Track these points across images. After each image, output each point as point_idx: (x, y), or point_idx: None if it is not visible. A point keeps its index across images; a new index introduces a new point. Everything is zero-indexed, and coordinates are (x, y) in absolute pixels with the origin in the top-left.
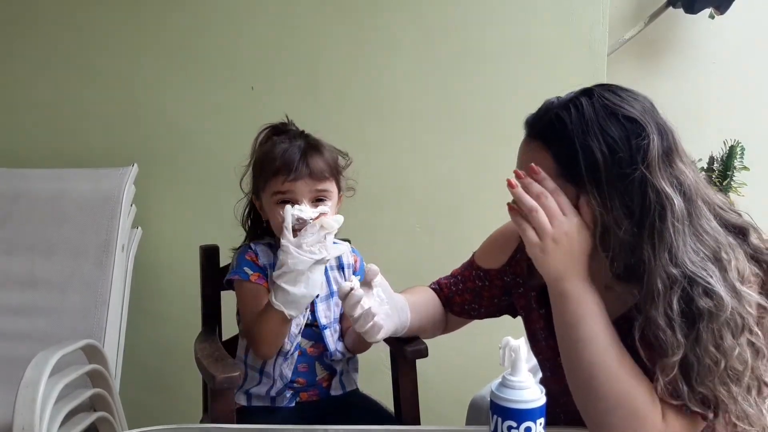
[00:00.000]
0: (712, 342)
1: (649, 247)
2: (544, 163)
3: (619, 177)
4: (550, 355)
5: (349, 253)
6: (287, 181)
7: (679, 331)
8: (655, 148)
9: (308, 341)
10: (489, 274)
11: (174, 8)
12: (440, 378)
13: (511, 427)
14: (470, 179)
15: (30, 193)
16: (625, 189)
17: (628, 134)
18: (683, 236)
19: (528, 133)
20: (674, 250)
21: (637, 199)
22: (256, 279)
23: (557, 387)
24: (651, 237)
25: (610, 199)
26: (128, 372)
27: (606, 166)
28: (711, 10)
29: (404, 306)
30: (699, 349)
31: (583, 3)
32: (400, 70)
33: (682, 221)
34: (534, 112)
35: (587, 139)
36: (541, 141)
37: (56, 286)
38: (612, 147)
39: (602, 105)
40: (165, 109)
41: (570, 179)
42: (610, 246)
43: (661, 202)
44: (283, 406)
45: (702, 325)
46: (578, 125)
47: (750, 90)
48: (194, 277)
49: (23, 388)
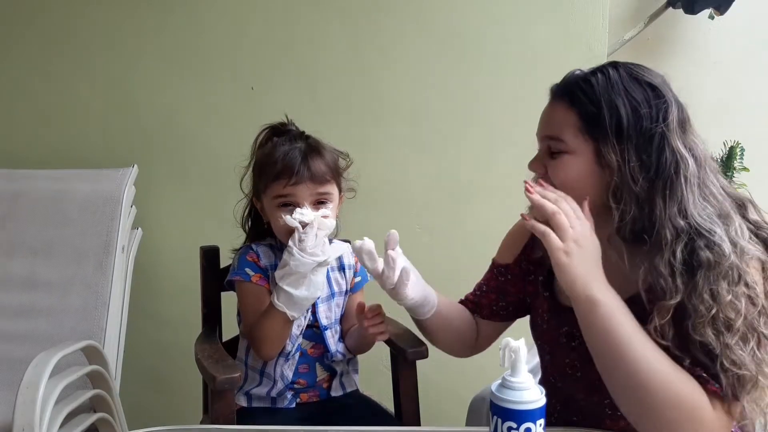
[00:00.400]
0: (707, 290)
1: (660, 200)
2: (569, 119)
3: (640, 133)
4: (549, 338)
5: (349, 254)
6: (289, 185)
7: (679, 278)
8: (674, 113)
9: (309, 342)
10: (509, 268)
11: (174, 9)
12: (440, 378)
13: (511, 427)
14: (470, 179)
15: (30, 194)
16: (645, 145)
17: (650, 98)
18: (693, 193)
19: (553, 95)
20: (684, 204)
21: (655, 155)
22: (257, 280)
23: (555, 371)
24: (663, 190)
25: (629, 154)
26: (128, 373)
27: (629, 122)
28: (711, 11)
29: (430, 289)
30: (695, 297)
31: (583, 3)
32: (400, 70)
33: (693, 179)
34: (558, 81)
35: (613, 97)
36: (568, 100)
37: (56, 287)
38: (635, 106)
39: (627, 72)
40: (165, 109)
41: (592, 135)
42: (623, 199)
43: (676, 160)
44: (284, 407)
45: (700, 274)
46: (605, 86)
47: (750, 90)
48: (194, 278)
49: (23, 388)
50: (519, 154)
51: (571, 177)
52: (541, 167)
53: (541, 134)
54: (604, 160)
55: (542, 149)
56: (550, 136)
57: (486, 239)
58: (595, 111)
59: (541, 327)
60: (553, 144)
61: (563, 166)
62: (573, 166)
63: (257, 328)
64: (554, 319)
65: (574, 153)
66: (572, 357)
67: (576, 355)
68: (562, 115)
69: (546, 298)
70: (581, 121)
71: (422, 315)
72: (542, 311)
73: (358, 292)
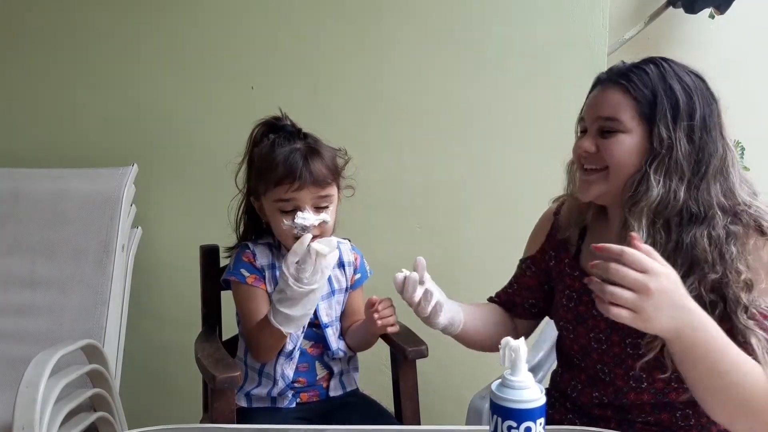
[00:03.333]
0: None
1: (711, 181)
2: (625, 102)
3: (694, 117)
4: (574, 314)
5: (349, 251)
6: (291, 190)
7: (718, 251)
8: (720, 103)
9: (308, 342)
10: (535, 260)
11: (174, 8)
12: (440, 378)
13: (511, 427)
14: (470, 179)
15: (30, 193)
16: (699, 129)
17: (699, 86)
18: (737, 175)
19: (604, 82)
20: (731, 185)
21: (707, 140)
22: (252, 281)
23: (579, 348)
24: (715, 173)
25: (681, 135)
26: (128, 372)
27: (684, 106)
28: (711, 10)
29: (455, 305)
30: (734, 264)
31: (583, 3)
32: (400, 69)
33: (737, 163)
34: (607, 71)
35: (670, 82)
36: (623, 84)
37: (56, 286)
38: (689, 93)
39: (672, 64)
40: (165, 109)
41: (648, 118)
42: (669, 177)
43: (724, 146)
44: (284, 407)
45: (736, 246)
46: (659, 74)
47: (750, 90)
48: (194, 277)
49: (23, 387)
50: (519, 153)
51: (625, 154)
52: (593, 145)
53: (595, 115)
54: (658, 140)
55: (593, 129)
56: (606, 116)
57: (485, 239)
58: (651, 96)
59: (566, 306)
60: (608, 124)
61: (619, 144)
62: (626, 144)
63: (254, 336)
64: (586, 293)
65: (630, 132)
66: (598, 330)
67: (604, 325)
68: (618, 98)
69: (576, 276)
70: (638, 104)
71: (451, 333)
72: (571, 291)
73: (358, 289)
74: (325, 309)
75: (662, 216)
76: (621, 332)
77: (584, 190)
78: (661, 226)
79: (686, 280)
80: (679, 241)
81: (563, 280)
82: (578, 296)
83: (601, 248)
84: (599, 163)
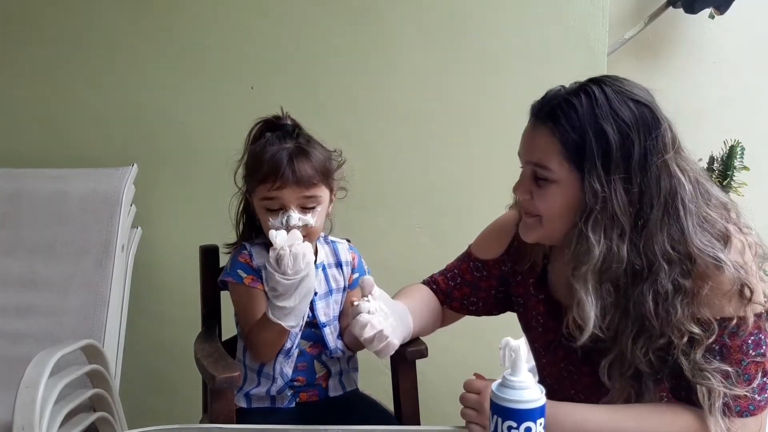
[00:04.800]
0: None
1: (658, 231)
2: (552, 147)
3: (631, 161)
4: (544, 341)
5: (347, 251)
6: (273, 188)
7: (670, 306)
8: (668, 134)
9: (307, 341)
10: (486, 265)
11: (174, 9)
12: (440, 378)
13: (511, 427)
14: (470, 179)
15: (30, 193)
16: (638, 173)
17: (640, 118)
18: (692, 219)
19: (535, 117)
20: (684, 232)
21: (650, 183)
22: (250, 282)
23: (552, 373)
24: (661, 220)
25: (616, 185)
26: (128, 372)
27: (618, 150)
28: (711, 10)
29: (406, 313)
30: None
31: (583, 3)
32: (400, 70)
33: (691, 205)
34: (540, 99)
35: (600, 122)
36: (551, 125)
37: (56, 286)
38: (625, 131)
39: (613, 90)
40: (165, 109)
41: (576, 163)
42: (605, 233)
43: (673, 186)
44: (283, 407)
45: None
46: (590, 110)
47: (750, 90)
48: (194, 277)
49: (23, 388)
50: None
51: (556, 207)
52: (527, 192)
53: (525, 158)
54: (591, 193)
55: (526, 173)
56: (535, 162)
57: None
58: (579, 140)
59: (536, 330)
60: (538, 171)
61: (550, 195)
62: (557, 197)
63: (254, 335)
64: (552, 320)
65: (560, 182)
66: (568, 361)
67: (574, 357)
68: (546, 141)
69: (541, 300)
70: (565, 149)
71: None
72: (537, 313)
73: (356, 289)
74: (323, 308)
75: (607, 276)
76: (591, 363)
77: (524, 232)
78: (609, 287)
79: (637, 341)
80: (627, 301)
81: (529, 300)
82: (545, 321)
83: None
84: (534, 211)
